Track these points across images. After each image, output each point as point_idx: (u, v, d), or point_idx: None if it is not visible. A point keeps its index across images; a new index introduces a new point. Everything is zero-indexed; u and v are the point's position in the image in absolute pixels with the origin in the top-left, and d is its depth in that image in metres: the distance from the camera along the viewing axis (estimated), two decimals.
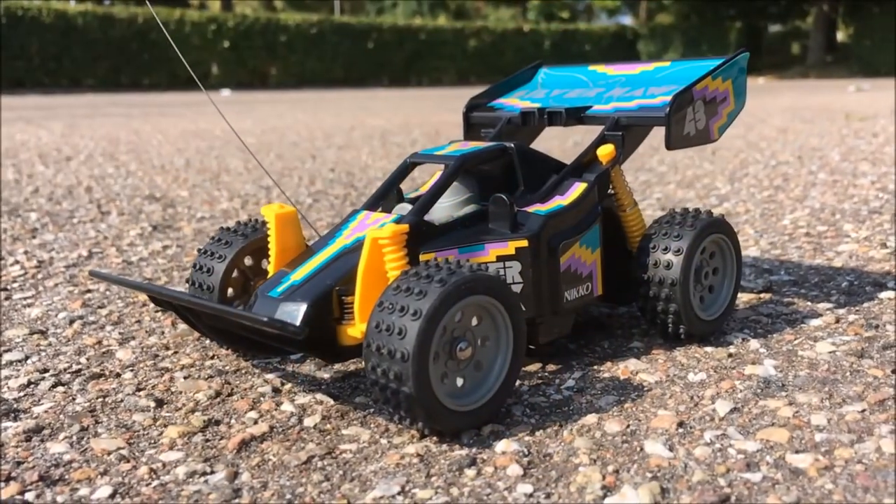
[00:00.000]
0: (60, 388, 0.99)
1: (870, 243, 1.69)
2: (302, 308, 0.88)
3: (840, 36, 19.96)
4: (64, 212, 2.32)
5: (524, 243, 0.97)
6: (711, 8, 17.99)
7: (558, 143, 3.98)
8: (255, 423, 0.89)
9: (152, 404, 0.94)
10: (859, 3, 16.84)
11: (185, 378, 1.02)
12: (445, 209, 1.04)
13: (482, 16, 21.82)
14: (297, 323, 0.87)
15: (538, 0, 21.75)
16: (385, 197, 1.06)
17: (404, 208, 1.03)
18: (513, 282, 0.98)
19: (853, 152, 3.38)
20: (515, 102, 1.29)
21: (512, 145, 1.07)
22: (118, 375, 1.03)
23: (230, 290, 1.07)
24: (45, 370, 1.05)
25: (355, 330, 0.89)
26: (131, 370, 1.05)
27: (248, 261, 1.09)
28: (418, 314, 0.78)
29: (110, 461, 0.80)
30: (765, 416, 0.88)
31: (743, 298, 1.32)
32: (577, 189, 1.05)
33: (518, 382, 0.99)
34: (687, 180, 2.77)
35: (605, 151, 1.08)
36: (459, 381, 0.85)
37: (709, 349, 1.09)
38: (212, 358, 1.09)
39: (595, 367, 1.04)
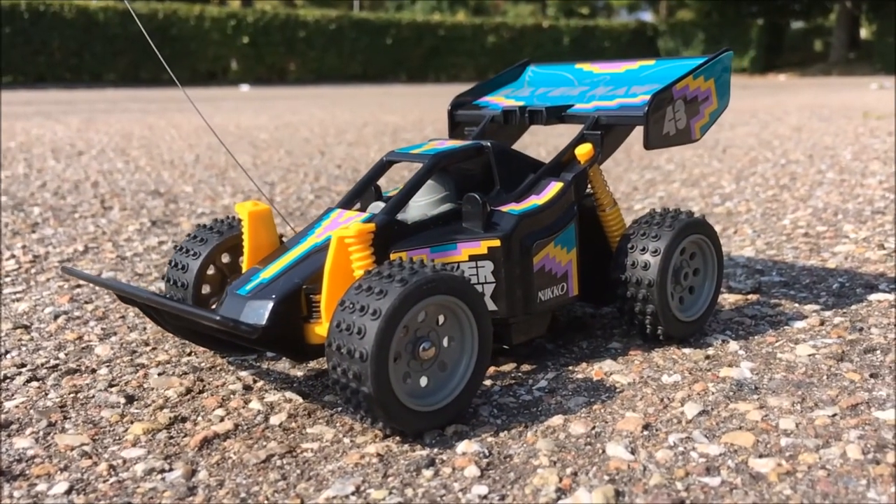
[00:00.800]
0: (35, 384, 1.00)
1: (868, 244, 1.67)
2: (268, 306, 0.88)
3: (863, 33, 19.72)
4: (67, 206, 2.34)
5: (496, 243, 0.97)
6: (733, 5, 17.81)
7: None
8: (222, 420, 0.89)
9: (122, 400, 0.94)
10: (883, 0, 16.63)
11: (159, 374, 1.02)
12: (421, 208, 1.04)
13: (501, 12, 21.77)
14: (263, 321, 0.87)
15: None
16: (360, 195, 1.06)
17: (378, 207, 1.03)
18: (485, 281, 0.97)
19: (866, 151, 3.34)
20: (500, 101, 1.28)
21: (488, 144, 1.06)
22: (93, 371, 1.04)
23: (207, 288, 1.07)
24: (23, 365, 1.06)
25: (322, 329, 0.89)
26: (107, 366, 1.06)
27: (225, 258, 1.09)
28: (378, 314, 0.78)
29: (72, 457, 0.81)
30: (733, 420, 0.87)
31: (729, 299, 1.31)
32: (553, 188, 1.04)
33: (490, 382, 0.99)
34: (693, 179, 2.75)
35: (584, 151, 1.07)
36: (423, 381, 0.85)
37: (687, 351, 1.08)
38: (189, 354, 1.09)
39: (570, 367, 1.03)
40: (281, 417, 0.90)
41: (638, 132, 1.14)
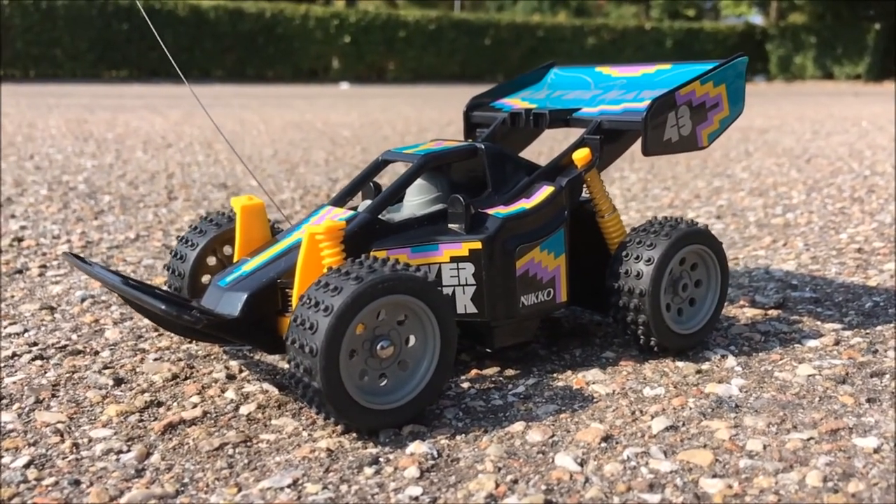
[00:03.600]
0: (38, 362, 1.05)
1: None
2: (242, 298, 0.91)
3: None
4: (136, 196, 2.44)
5: (478, 245, 0.96)
6: (849, 7, 17.03)
7: None
8: (194, 407, 0.92)
9: (111, 382, 0.98)
10: None
11: (154, 360, 1.06)
12: (412, 207, 1.05)
13: (603, 13, 21.45)
14: (236, 313, 0.90)
15: None
16: (352, 193, 1.07)
17: (366, 205, 1.04)
18: (466, 283, 0.97)
19: None
20: (516, 103, 1.27)
21: (482, 146, 1.06)
22: (96, 353, 1.09)
23: (206, 277, 1.10)
24: (35, 344, 1.12)
25: None
26: (111, 349, 1.10)
27: (227, 249, 1.12)
28: (330, 310, 0.79)
29: (44, 433, 0.85)
30: (700, 437, 0.84)
31: (748, 313, 1.26)
32: (544, 193, 1.03)
33: (467, 385, 0.99)
34: (762, 188, 2.66)
35: (581, 155, 1.06)
36: (382, 380, 0.85)
37: (681, 364, 1.05)
38: (189, 342, 1.13)
39: (554, 374, 1.02)
40: (250, 408, 0.92)
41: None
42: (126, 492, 0.73)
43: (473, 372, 1.02)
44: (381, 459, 0.79)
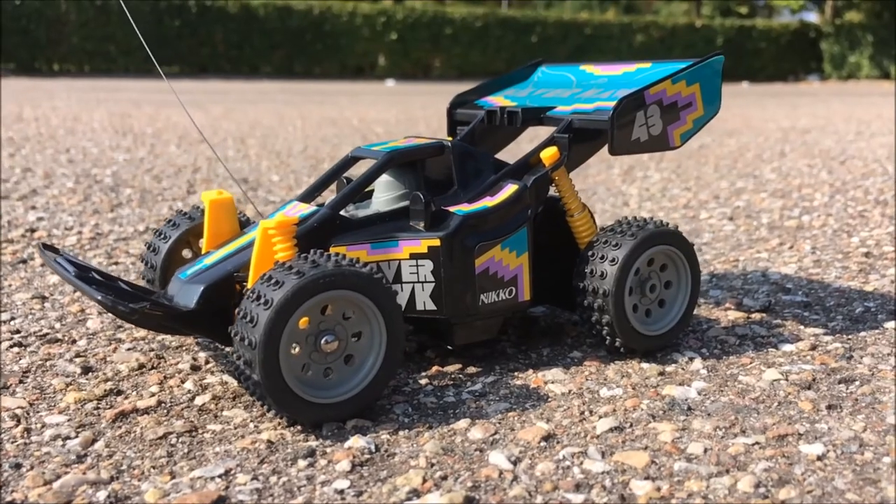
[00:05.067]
0: (15, 349, 1.08)
1: None
2: (198, 291, 0.92)
3: None
4: (157, 189, 2.49)
5: (436, 242, 0.96)
6: None
7: None
8: (152, 396, 0.94)
9: (79, 371, 1.01)
10: None
11: (127, 350, 1.09)
12: (379, 204, 1.06)
13: (653, 10, 21.17)
14: (192, 305, 0.92)
15: None
16: (321, 189, 1.08)
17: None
18: (425, 280, 0.98)
19: None
20: (498, 101, 1.27)
21: (449, 143, 1.06)
22: (73, 342, 1.12)
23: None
24: (18, 332, 1.15)
25: None
26: (88, 338, 1.13)
27: (201, 242, 1.14)
28: (270, 304, 0.80)
29: (1, 418, 0.88)
30: (643, 439, 0.83)
31: (730, 316, 1.24)
32: (508, 191, 1.03)
33: (424, 381, 0.99)
34: (786, 190, 2.60)
35: (548, 154, 1.05)
36: (327, 374, 0.86)
37: (645, 365, 1.04)
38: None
39: (515, 373, 1.02)
40: (205, 398, 0.93)
41: None
42: (62, 476, 0.75)
43: (434, 369, 1.03)
44: (317, 452, 0.80)
